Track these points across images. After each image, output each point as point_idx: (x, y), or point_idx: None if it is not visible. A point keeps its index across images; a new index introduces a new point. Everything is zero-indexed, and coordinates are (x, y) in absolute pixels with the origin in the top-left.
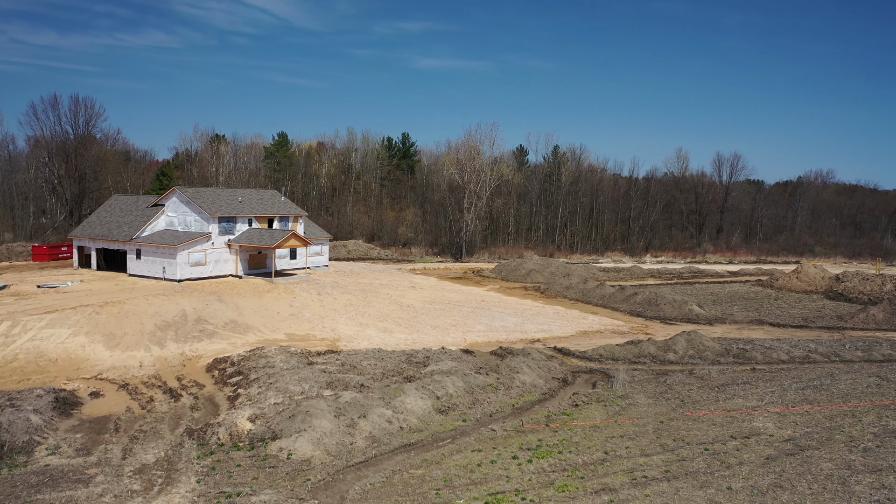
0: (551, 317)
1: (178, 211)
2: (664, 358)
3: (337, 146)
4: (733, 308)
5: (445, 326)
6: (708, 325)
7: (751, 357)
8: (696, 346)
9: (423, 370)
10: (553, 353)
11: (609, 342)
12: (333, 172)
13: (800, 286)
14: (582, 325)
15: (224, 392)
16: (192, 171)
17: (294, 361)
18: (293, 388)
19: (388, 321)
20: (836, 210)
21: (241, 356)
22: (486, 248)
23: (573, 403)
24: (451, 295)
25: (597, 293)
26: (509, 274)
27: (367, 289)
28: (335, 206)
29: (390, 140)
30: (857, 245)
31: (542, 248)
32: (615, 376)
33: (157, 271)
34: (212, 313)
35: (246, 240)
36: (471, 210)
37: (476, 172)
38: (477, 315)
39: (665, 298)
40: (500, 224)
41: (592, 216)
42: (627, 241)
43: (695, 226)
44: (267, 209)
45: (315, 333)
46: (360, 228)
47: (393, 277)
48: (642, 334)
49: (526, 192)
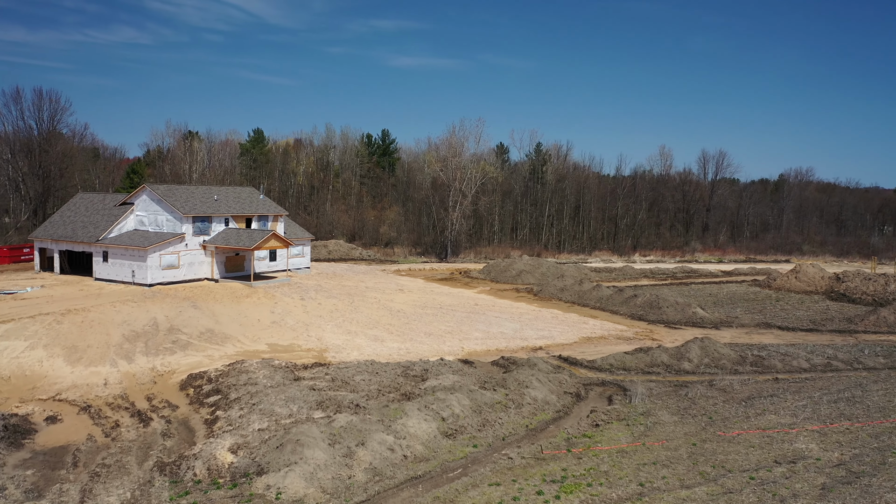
0: (550, 321)
1: (148, 210)
2: (679, 367)
3: (315, 143)
4: (736, 310)
5: (440, 334)
6: (714, 330)
7: (770, 365)
8: (711, 354)
9: (423, 385)
10: (559, 363)
11: (615, 349)
12: (312, 170)
13: (799, 286)
14: (583, 331)
15: (200, 414)
16: (164, 168)
17: (279, 377)
18: (279, 410)
19: (379, 328)
20: (819, 208)
21: (220, 371)
22: (471, 248)
23: (593, 423)
24: (442, 298)
25: (593, 295)
26: (499, 275)
27: (353, 292)
28: (314, 205)
29: (370, 137)
30: (844, 243)
31: (529, 247)
32: (632, 390)
33: (126, 275)
34: (186, 321)
35: (222, 241)
36: (456, 208)
37: (461, 169)
38: (472, 320)
39: (667, 301)
40: (484, 223)
41: (579, 214)
42: (615, 240)
43: (682, 224)
44: (244, 208)
45: (300, 343)
46: (341, 228)
47: (378, 279)
48: (649, 340)
49: (510, 191)
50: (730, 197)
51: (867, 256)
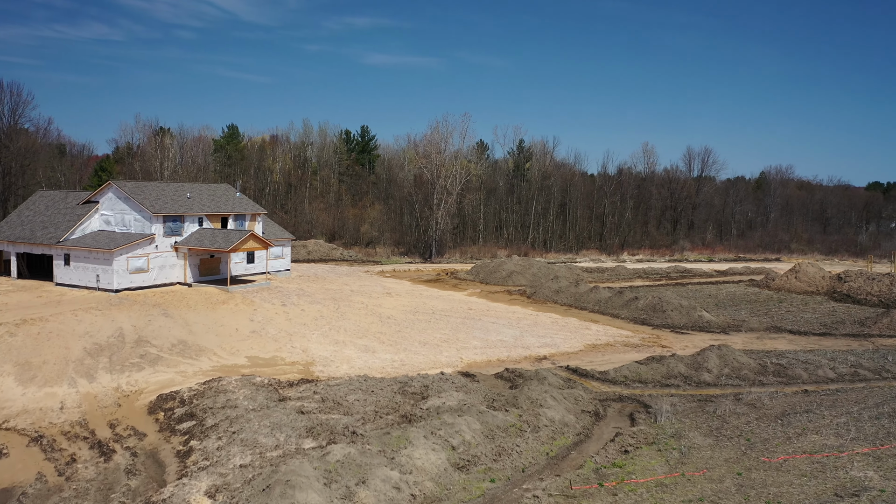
0: (550, 327)
1: (114, 209)
2: (698, 379)
3: (292, 139)
4: (741, 313)
5: (436, 343)
6: (723, 335)
7: (794, 375)
8: (731, 364)
9: (424, 405)
10: (569, 376)
11: (624, 358)
12: (289, 167)
13: (799, 286)
14: (587, 337)
15: (172, 444)
16: (133, 165)
17: (261, 397)
18: (264, 441)
19: (369, 337)
20: (805, 206)
21: (194, 391)
22: (456, 248)
23: (621, 449)
24: (433, 302)
25: (591, 298)
26: (488, 276)
27: (337, 297)
28: (291, 204)
29: (348, 133)
30: (832, 241)
31: (515, 247)
32: (655, 406)
33: (90, 280)
34: (156, 332)
35: (196, 242)
36: (441, 206)
37: (446, 166)
38: (468, 327)
39: (671, 304)
40: (468, 222)
41: (566, 213)
42: (602, 238)
43: (670, 222)
44: (220, 206)
45: (283, 356)
46: (320, 227)
47: (363, 282)
48: (658, 347)
49: (495, 188)
50: (715, 194)
51: (856, 254)
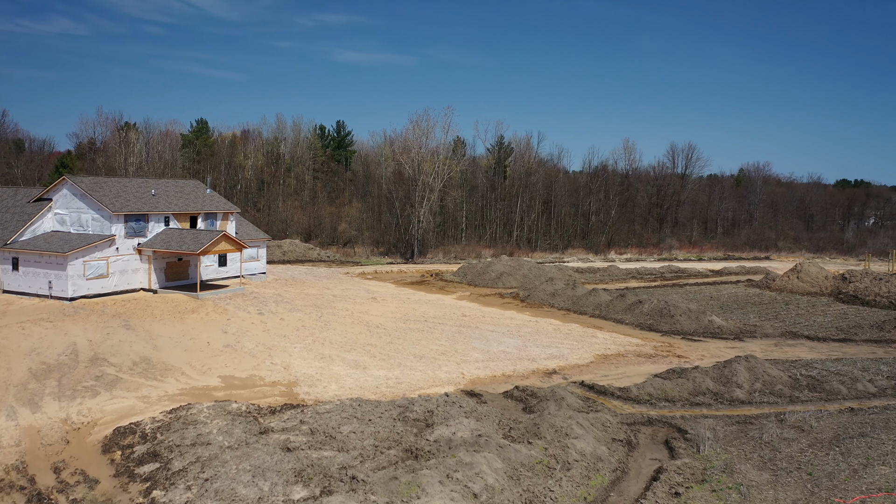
0: (553, 336)
1: (70, 207)
2: (730, 396)
3: (264, 134)
4: (749, 316)
5: (433, 356)
6: (737, 341)
7: (832, 390)
8: (761, 377)
9: (431, 435)
10: (586, 394)
11: (640, 370)
12: (261, 164)
13: (801, 287)
14: (595, 347)
15: (130, 494)
16: (96, 161)
17: (239, 430)
18: (244, 491)
19: (358, 350)
20: (789, 204)
21: (158, 422)
22: (439, 247)
23: (670, 491)
24: (423, 308)
25: (590, 301)
26: (476, 278)
27: (319, 303)
28: (264, 202)
29: (323, 128)
30: (818, 239)
31: (500, 246)
32: (693, 432)
33: (42, 287)
34: (115, 348)
35: (162, 243)
36: (423, 204)
37: (430, 161)
38: (465, 336)
39: (679, 308)
40: (450, 220)
41: (552, 210)
42: (587, 237)
43: (657, 220)
44: (189, 204)
45: (262, 374)
46: (295, 226)
47: (345, 285)
48: (674, 357)
49: (477, 185)
50: (700, 192)
51: (843, 252)
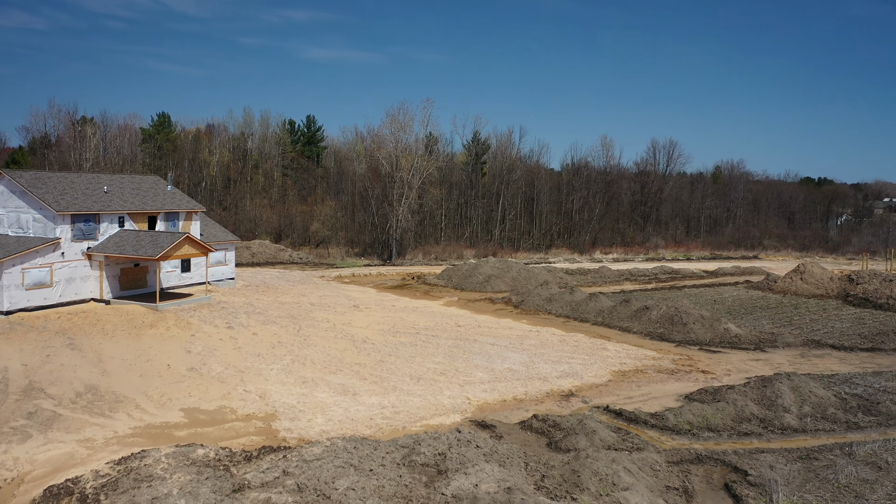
0: (560, 348)
1: (7, 206)
2: (780, 422)
3: (230, 129)
4: (761, 322)
5: (432, 376)
6: (759, 352)
7: (890, 413)
8: (808, 399)
9: (448, 488)
10: (615, 422)
11: (665, 389)
12: (227, 160)
13: (806, 289)
14: (609, 361)
15: None
16: (49, 157)
17: (206, 490)
18: None
19: (345, 371)
20: (770, 202)
21: (103, 478)
22: (418, 248)
23: None
24: (412, 317)
25: (591, 308)
26: (463, 281)
27: (296, 313)
28: (231, 200)
29: (293, 123)
30: (802, 237)
31: (483, 246)
32: (755, 473)
33: None
34: (56, 374)
35: (116, 247)
36: (401, 202)
37: (408, 157)
38: (464, 351)
39: (691, 315)
40: (428, 219)
41: (534, 209)
42: (570, 236)
43: (642, 218)
44: (147, 203)
45: (234, 405)
46: (264, 226)
47: (322, 291)
48: (698, 373)
49: (457, 182)
50: (682, 189)
51: (829, 250)
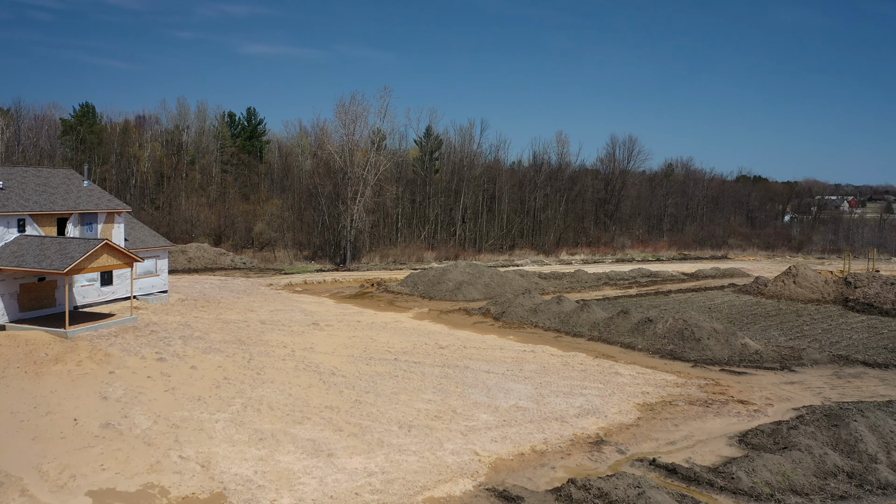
0: (565, 374)
1: None
2: (876, 478)
3: (163, 122)
4: (770, 332)
5: (425, 422)
6: (789, 372)
7: None
8: (892, 441)
9: None
10: (672, 483)
11: (707, 428)
12: (160, 154)
13: (801, 293)
14: (627, 390)
15: None
16: None
17: None
18: None
19: (314, 420)
20: (731, 200)
21: None
22: (375, 250)
23: None
24: (384, 337)
25: (583, 320)
26: (430, 289)
27: (244, 335)
28: (164, 198)
29: (233, 116)
30: (766, 236)
31: (444, 247)
32: None
33: None
34: None
35: (13, 258)
36: (357, 200)
37: (364, 151)
38: (457, 383)
39: (703, 329)
40: (382, 219)
41: (496, 207)
42: (535, 236)
43: (607, 216)
44: (56, 201)
45: (164, 482)
46: (202, 227)
47: (273, 304)
48: (734, 403)
49: (412, 180)
50: (643, 187)
51: (793, 249)
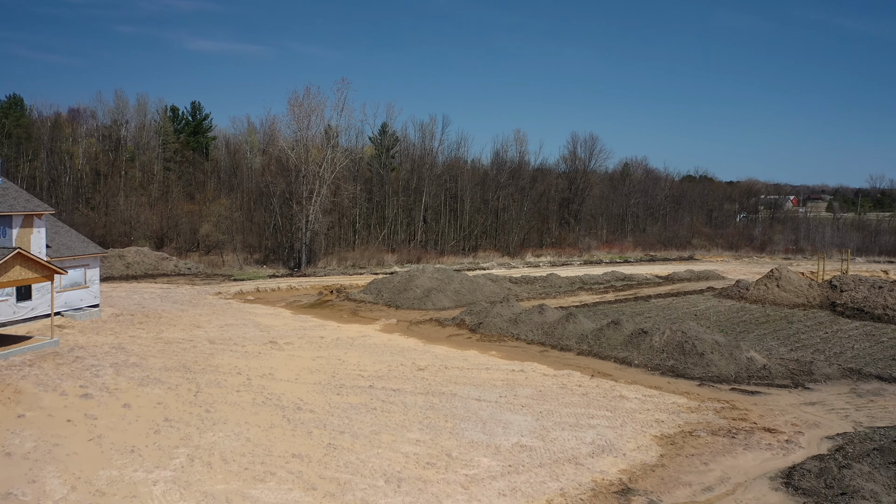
0: (564, 399)
1: None
2: None
3: (100, 116)
4: (766, 341)
5: (415, 472)
6: (802, 390)
7: None
8: None
9: None
10: None
11: (741, 465)
12: (96, 151)
13: (785, 298)
14: (639, 418)
15: None
16: None
17: None
18: None
19: (279, 475)
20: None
21: None
22: (332, 253)
23: None
24: (351, 357)
25: (570, 331)
26: (396, 297)
27: (189, 360)
28: (101, 198)
29: (176, 110)
30: (729, 236)
31: (406, 250)
32: None
33: None
34: None
35: None
36: (313, 200)
37: (320, 147)
38: (445, 416)
39: (705, 342)
40: (339, 219)
41: (458, 207)
42: (498, 236)
43: (573, 216)
44: None
45: None
46: (143, 229)
47: (222, 317)
48: (759, 431)
49: (368, 177)
50: (605, 186)
51: (756, 249)
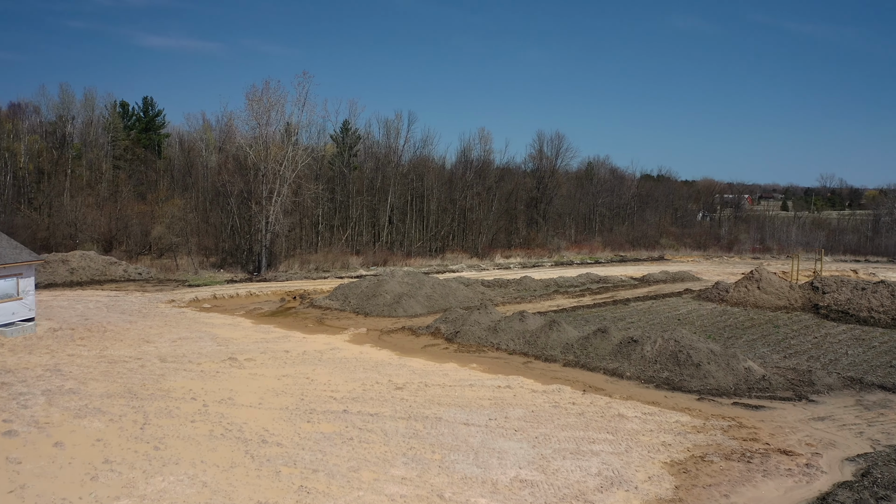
0: (560, 420)
1: None
2: None
3: (43, 111)
4: (756, 348)
5: None
6: (806, 403)
7: None
8: None
9: None
10: None
11: (765, 496)
12: (40, 148)
13: (766, 300)
14: (644, 441)
15: None
16: None
17: None
18: None
19: None
20: (666, 199)
21: None
22: (294, 256)
23: None
24: (321, 375)
25: (553, 341)
26: (365, 303)
27: (135, 384)
28: (44, 198)
29: (126, 106)
30: (696, 235)
31: (371, 253)
32: None
33: None
34: None
35: None
36: (274, 201)
37: (280, 145)
38: (432, 446)
39: (699, 351)
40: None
41: (424, 207)
42: (466, 237)
43: (540, 216)
44: None
45: None
46: (90, 231)
47: (175, 329)
48: (774, 452)
49: (330, 176)
50: (571, 185)
51: (724, 249)
